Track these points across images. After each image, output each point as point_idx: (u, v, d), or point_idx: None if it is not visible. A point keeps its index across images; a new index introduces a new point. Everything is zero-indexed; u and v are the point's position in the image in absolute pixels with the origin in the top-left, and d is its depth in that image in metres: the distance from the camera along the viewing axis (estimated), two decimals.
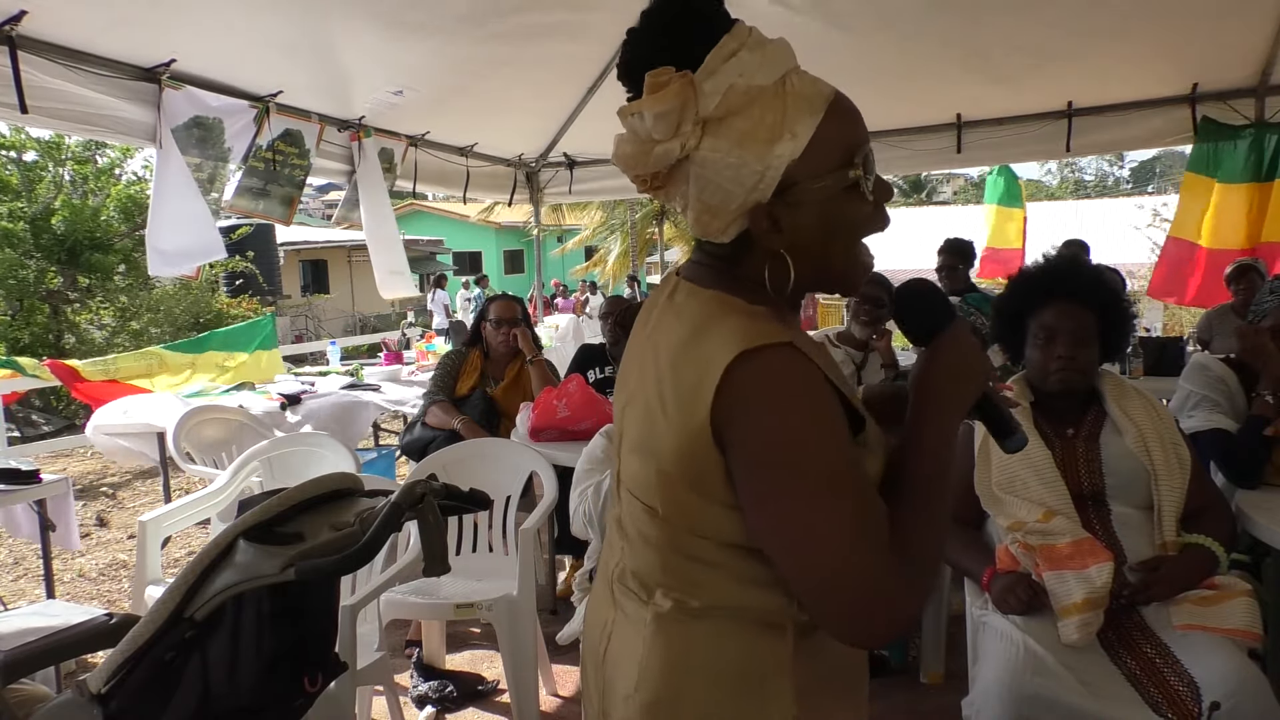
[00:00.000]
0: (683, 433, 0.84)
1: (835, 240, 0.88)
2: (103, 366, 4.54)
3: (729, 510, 0.85)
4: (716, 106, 0.82)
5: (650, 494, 0.90)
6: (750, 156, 0.83)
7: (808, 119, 0.83)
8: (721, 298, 0.87)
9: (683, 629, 0.90)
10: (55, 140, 10.10)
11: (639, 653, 0.92)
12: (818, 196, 0.85)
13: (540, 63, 4.22)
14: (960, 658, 2.14)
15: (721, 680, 0.89)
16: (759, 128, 0.82)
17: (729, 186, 0.84)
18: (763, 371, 0.80)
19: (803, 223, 0.85)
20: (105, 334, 10.53)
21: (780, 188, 0.84)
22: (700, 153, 0.84)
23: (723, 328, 0.83)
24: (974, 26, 3.89)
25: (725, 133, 0.83)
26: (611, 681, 0.96)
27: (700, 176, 0.85)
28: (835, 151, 0.85)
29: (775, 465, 0.81)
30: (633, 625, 0.94)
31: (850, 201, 0.87)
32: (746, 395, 0.80)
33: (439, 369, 3.62)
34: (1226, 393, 2.26)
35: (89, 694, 1.16)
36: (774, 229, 0.85)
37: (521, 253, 27.53)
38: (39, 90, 2.84)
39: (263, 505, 1.19)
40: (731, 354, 0.80)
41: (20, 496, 2.87)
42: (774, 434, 0.81)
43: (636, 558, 0.95)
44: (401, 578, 2.43)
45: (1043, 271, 2.08)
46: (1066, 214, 18.27)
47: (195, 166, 3.49)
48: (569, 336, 8.18)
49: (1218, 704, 1.54)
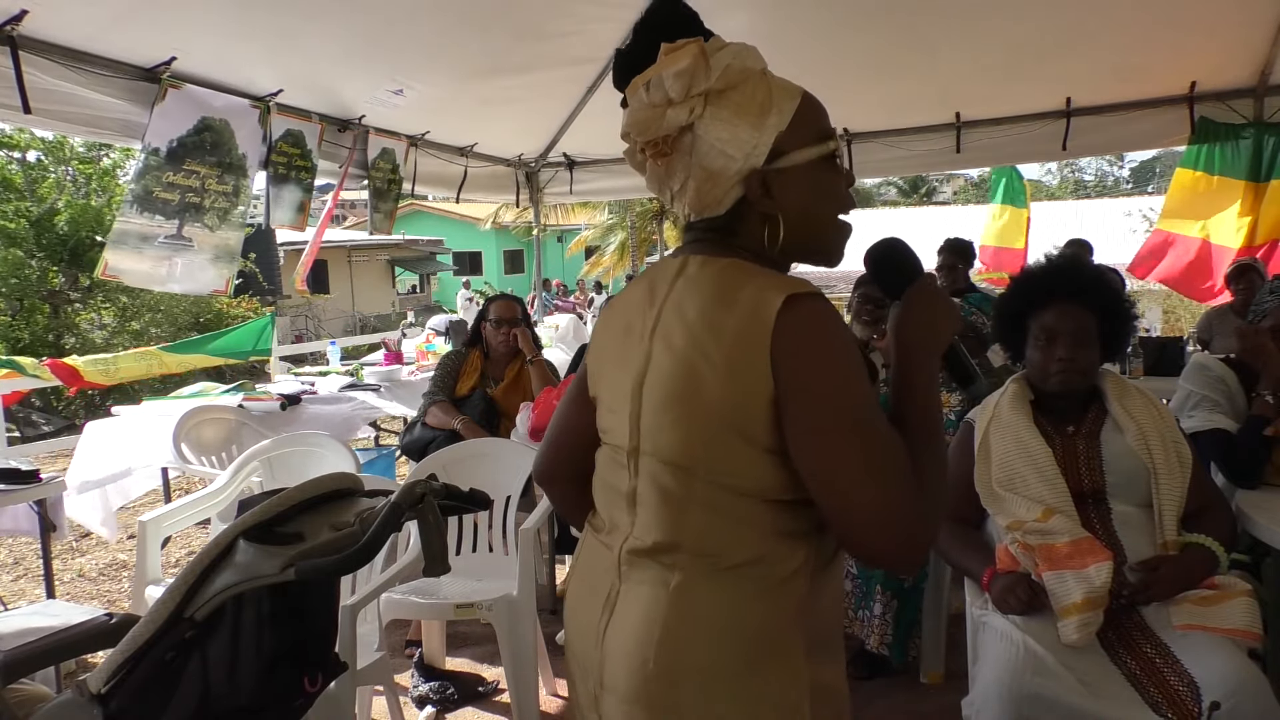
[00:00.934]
0: (737, 378, 0.91)
1: (820, 205, 1.01)
2: (103, 366, 4.55)
3: (771, 456, 0.92)
4: (719, 78, 0.95)
5: (685, 452, 0.94)
6: (746, 125, 0.96)
7: (789, 101, 0.98)
8: (737, 263, 0.97)
9: (706, 590, 0.94)
10: (59, 140, 10.10)
11: (656, 619, 0.94)
12: (802, 163, 0.97)
13: (540, 63, 4.22)
14: (960, 658, 2.14)
15: (742, 639, 0.93)
16: (751, 102, 0.96)
17: (729, 150, 0.96)
18: (812, 314, 0.90)
19: (791, 188, 0.97)
20: (105, 334, 10.53)
21: (771, 156, 0.96)
22: (704, 121, 0.96)
23: (757, 281, 0.93)
24: (973, 26, 3.89)
25: (724, 103, 0.96)
26: (616, 653, 0.97)
27: (703, 142, 0.96)
28: (813, 129, 0.99)
29: (831, 400, 0.90)
30: (649, 592, 0.96)
31: (829, 171, 1.01)
32: (801, 334, 0.89)
33: (439, 369, 3.62)
34: (1226, 393, 2.26)
35: (89, 694, 1.16)
36: (766, 194, 0.97)
37: (521, 252, 27.55)
38: (41, 91, 2.84)
39: (263, 505, 1.19)
40: (781, 298, 0.89)
41: (20, 496, 2.87)
42: (830, 371, 0.90)
43: (657, 525, 0.97)
44: (401, 578, 2.43)
45: (1044, 272, 2.08)
46: (1066, 214, 18.25)
47: (216, 178, 3.48)
48: (569, 336, 8.17)
49: (1218, 704, 1.54)
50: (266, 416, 3.90)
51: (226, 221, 3.61)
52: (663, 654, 0.93)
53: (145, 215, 3.32)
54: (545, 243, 11.27)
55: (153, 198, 3.31)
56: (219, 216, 3.57)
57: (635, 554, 0.99)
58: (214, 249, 3.61)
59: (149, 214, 3.33)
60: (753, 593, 0.94)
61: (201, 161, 3.41)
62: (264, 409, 3.97)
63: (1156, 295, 11.90)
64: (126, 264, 3.33)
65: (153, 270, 3.41)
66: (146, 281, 3.48)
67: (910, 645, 2.77)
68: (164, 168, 3.29)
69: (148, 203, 3.30)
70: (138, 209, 3.30)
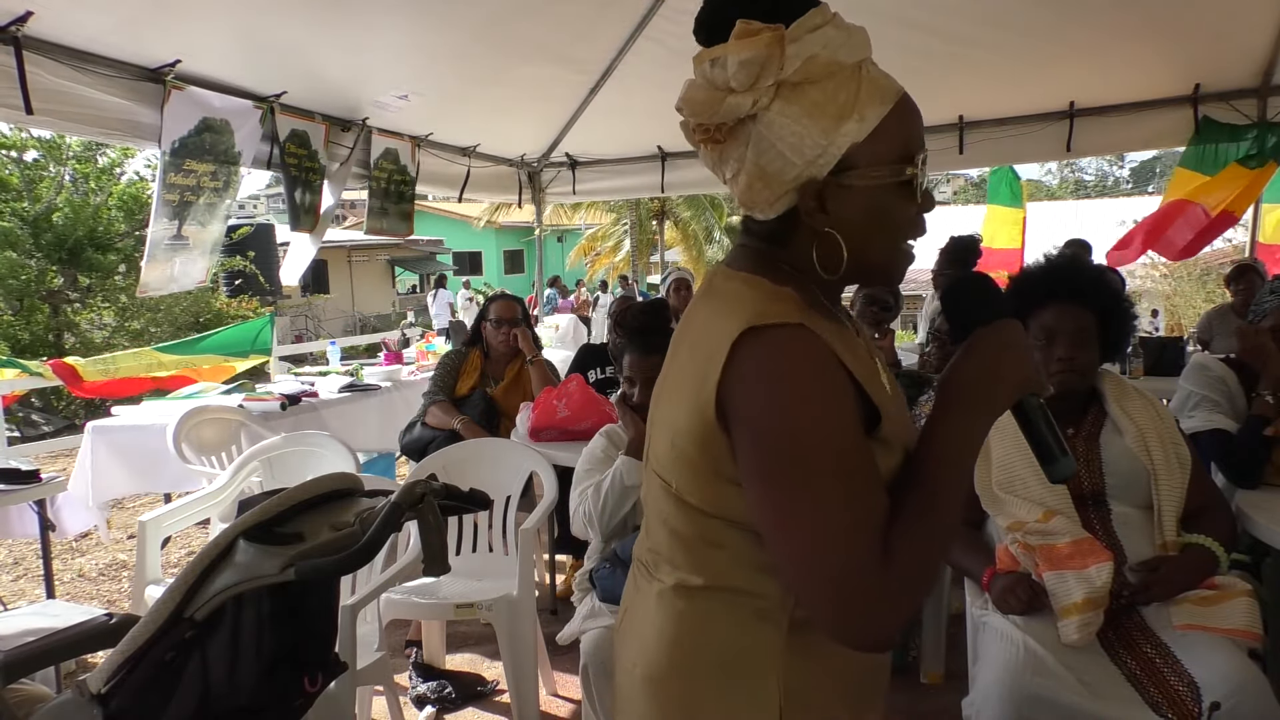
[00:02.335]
0: (694, 407, 0.85)
1: (877, 233, 0.87)
2: (102, 366, 4.55)
3: (736, 488, 0.85)
4: (796, 71, 0.81)
5: (668, 469, 0.91)
6: (816, 129, 0.82)
7: (878, 106, 0.84)
8: (748, 278, 0.88)
9: (681, 607, 0.92)
10: (56, 140, 10.10)
11: (644, 627, 0.95)
12: (871, 184, 0.84)
13: (544, 64, 4.23)
14: (960, 658, 2.14)
15: (708, 662, 0.90)
16: (831, 102, 0.82)
17: (790, 155, 0.83)
18: (766, 348, 0.80)
19: (849, 208, 0.85)
20: (105, 334, 10.52)
21: (837, 168, 0.84)
22: (769, 114, 0.83)
23: (738, 306, 0.84)
24: (976, 28, 3.89)
25: (798, 99, 0.82)
26: (620, 654, 1.01)
27: (763, 139, 0.84)
28: (896, 145, 0.85)
29: (769, 443, 0.81)
30: (643, 601, 0.97)
31: (900, 198, 0.86)
32: (747, 371, 0.81)
33: (439, 369, 3.62)
34: (1226, 393, 2.26)
35: (89, 694, 1.16)
36: (820, 209, 0.85)
37: (521, 252, 27.55)
38: (45, 91, 2.84)
39: (263, 505, 1.19)
40: (738, 330, 0.81)
41: (20, 496, 2.87)
42: (770, 411, 0.80)
43: (653, 535, 0.97)
44: (401, 578, 2.43)
45: (1043, 272, 2.08)
46: (1066, 214, 18.26)
47: (210, 174, 3.49)
48: (569, 336, 8.17)
49: (1218, 704, 1.54)
50: (266, 416, 3.90)
51: (214, 216, 3.64)
52: (642, 663, 0.94)
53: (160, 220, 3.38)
54: (545, 242, 11.24)
55: (165, 201, 3.36)
56: (209, 211, 3.60)
57: (638, 561, 1.01)
58: (203, 244, 3.64)
59: (163, 219, 3.38)
60: (723, 617, 0.90)
61: (200, 160, 3.42)
62: (264, 409, 3.97)
63: (1157, 295, 11.91)
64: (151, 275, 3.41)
65: (162, 274, 3.47)
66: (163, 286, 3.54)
67: (910, 645, 2.77)
68: (169, 170, 3.31)
69: (163, 207, 3.35)
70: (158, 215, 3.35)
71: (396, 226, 4.78)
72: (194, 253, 3.57)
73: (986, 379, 0.85)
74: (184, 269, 3.55)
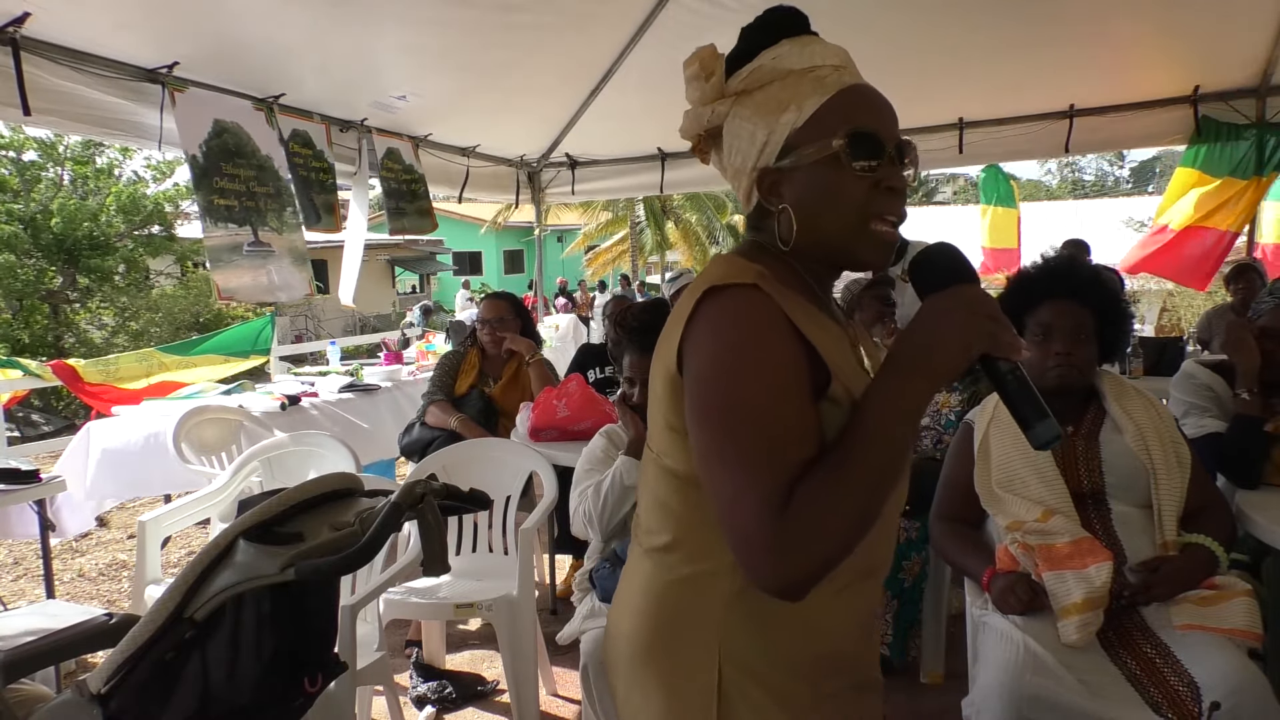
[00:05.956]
0: (664, 367, 0.94)
1: (826, 209, 0.93)
2: (102, 368, 4.54)
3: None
4: (743, 81, 0.96)
5: (656, 437, 0.99)
6: (762, 123, 0.94)
7: (815, 96, 0.92)
8: (727, 257, 0.98)
9: (649, 566, 1.00)
10: (54, 140, 10.10)
11: (622, 587, 1.06)
12: (808, 162, 0.92)
13: (544, 64, 4.22)
14: (960, 658, 2.14)
15: (663, 619, 0.97)
16: (774, 100, 0.94)
17: (745, 149, 0.96)
18: (718, 303, 0.88)
19: (796, 188, 0.94)
20: (105, 334, 10.53)
21: (782, 154, 0.94)
22: (730, 120, 0.97)
23: (707, 276, 0.92)
24: (977, 30, 3.89)
25: (748, 103, 0.96)
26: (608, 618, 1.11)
27: (727, 142, 0.99)
28: (833, 127, 0.91)
29: (701, 389, 0.88)
30: (629, 565, 1.07)
31: (832, 171, 0.91)
32: (699, 323, 0.89)
33: (438, 369, 3.62)
34: (1214, 397, 2.28)
35: (89, 694, 1.16)
36: (773, 193, 0.96)
37: (521, 252, 27.53)
38: (44, 92, 2.84)
39: (263, 505, 1.19)
40: (700, 290, 0.89)
41: (20, 496, 2.87)
42: (707, 359, 0.87)
43: (642, 502, 1.05)
44: (401, 578, 2.43)
45: (1041, 271, 2.09)
46: (1066, 214, 18.25)
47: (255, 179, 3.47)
48: (569, 336, 8.17)
49: (1218, 704, 1.54)
50: (266, 416, 3.90)
51: (285, 223, 3.64)
52: (615, 616, 1.06)
53: (221, 226, 3.36)
54: (545, 242, 11.25)
55: (215, 206, 3.33)
56: (277, 218, 3.60)
57: (633, 534, 1.08)
58: (289, 252, 3.64)
59: (222, 224, 3.36)
60: (674, 574, 0.97)
61: (233, 164, 3.41)
62: (264, 409, 3.97)
63: (1156, 295, 11.89)
64: (234, 281, 3.38)
65: (255, 282, 3.44)
66: (258, 295, 3.50)
67: (910, 645, 2.77)
68: (210, 174, 3.30)
69: (213, 212, 3.33)
70: (211, 220, 3.34)
71: (418, 225, 4.70)
72: (283, 261, 3.58)
73: (924, 342, 0.83)
74: (284, 278, 3.56)
